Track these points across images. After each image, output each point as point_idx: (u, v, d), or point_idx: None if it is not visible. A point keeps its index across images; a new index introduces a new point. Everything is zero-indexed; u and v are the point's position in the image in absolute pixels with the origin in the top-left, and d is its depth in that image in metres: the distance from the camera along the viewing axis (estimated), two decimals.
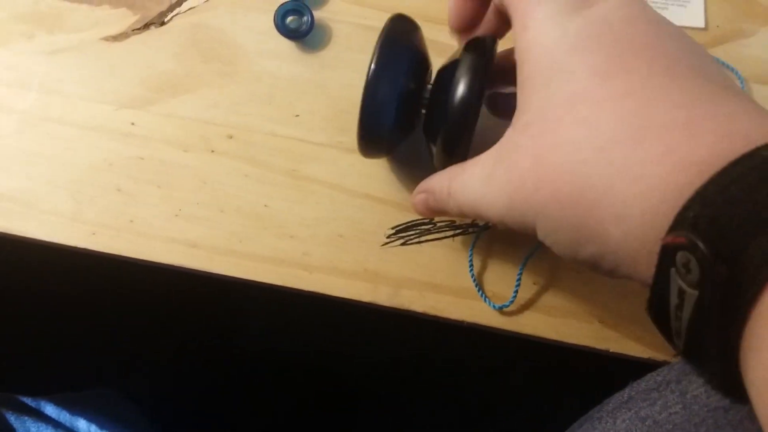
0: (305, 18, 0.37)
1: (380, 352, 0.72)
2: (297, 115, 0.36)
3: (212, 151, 0.36)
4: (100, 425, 0.48)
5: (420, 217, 0.35)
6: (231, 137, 0.36)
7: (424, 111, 0.31)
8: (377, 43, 0.28)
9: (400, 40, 0.29)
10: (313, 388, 0.72)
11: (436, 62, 0.32)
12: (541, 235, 0.24)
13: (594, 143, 0.21)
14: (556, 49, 0.23)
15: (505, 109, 0.33)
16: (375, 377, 0.72)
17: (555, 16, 0.23)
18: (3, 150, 0.36)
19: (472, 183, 0.26)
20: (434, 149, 0.30)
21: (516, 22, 0.24)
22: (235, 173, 0.35)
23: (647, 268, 0.20)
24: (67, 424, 0.47)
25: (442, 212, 0.30)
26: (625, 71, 0.21)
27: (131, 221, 0.34)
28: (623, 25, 0.22)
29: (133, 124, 0.36)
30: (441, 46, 0.37)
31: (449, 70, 0.29)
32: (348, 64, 0.37)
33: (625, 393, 0.27)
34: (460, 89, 0.27)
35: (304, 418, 0.71)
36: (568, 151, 0.22)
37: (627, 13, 0.23)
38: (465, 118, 0.27)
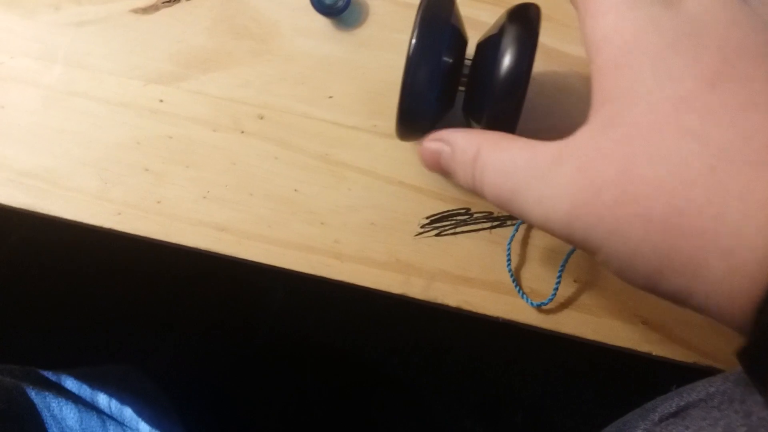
0: None
1: (399, 337, 0.71)
2: (330, 97, 0.35)
3: (242, 132, 0.34)
4: (120, 400, 0.48)
5: (455, 207, 0.33)
6: (262, 118, 0.34)
7: (463, 88, 0.29)
8: (417, 19, 0.27)
9: (439, 15, 0.27)
10: (330, 372, 0.72)
11: (472, 38, 0.30)
12: (605, 257, 0.21)
13: (706, 161, 0.18)
14: (650, 43, 0.20)
15: None
16: (393, 362, 0.72)
17: (641, 5, 0.20)
18: (28, 126, 0.35)
19: (515, 168, 0.23)
20: (477, 128, 0.28)
21: (587, 4, 0.22)
22: (265, 155, 0.34)
23: (746, 313, 0.18)
24: (88, 399, 0.47)
25: (451, 175, 0.27)
26: (741, 79, 0.19)
27: (159, 202, 0.33)
28: (728, 27, 0.20)
29: (161, 101, 0.35)
30: (474, 23, 0.35)
31: (492, 44, 0.27)
32: (385, 44, 0.35)
33: (674, 402, 0.25)
34: (508, 62, 0.25)
35: (321, 401, 0.71)
36: (670, 167, 0.19)
37: (729, 14, 0.20)
38: (514, 92, 0.26)
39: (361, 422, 0.71)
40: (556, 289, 0.31)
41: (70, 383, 0.46)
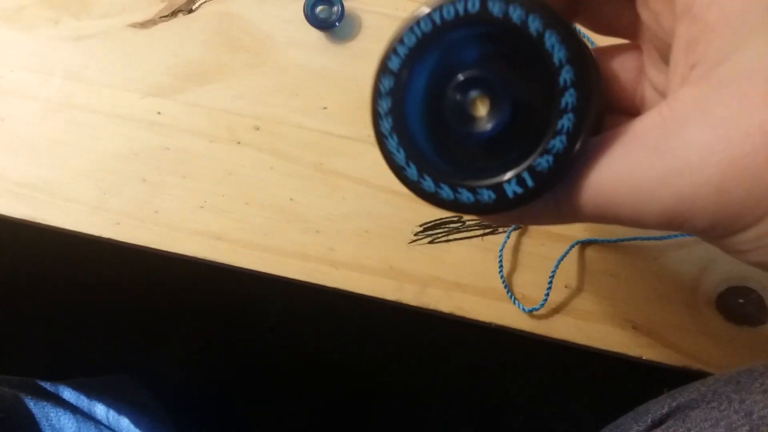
0: (335, 8, 0.36)
1: (396, 344, 0.72)
2: (324, 108, 0.35)
3: (238, 143, 0.35)
4: (117, 410, 0.49)
5: (447, 215, 0.34)
6: (257, 129, 0.35)
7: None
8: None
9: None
10: (327, 379, 0.72)
11: None
12: (757, 230, 0.17)
13: None
14: None
15: None
16: (390, 369, 0.72)
17: None
18: (27, 137, 0.35)
19: (617, 166, 0.17)
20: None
21: None
22: (260, 165, 0.35)
23: None
24: (85, 410, 0.47)
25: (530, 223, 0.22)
26: None
27: (156, 212, 0.34)
28: None
29: (159, 113, 0.35)
30: None
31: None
32: (378, 56, 0.36)
33: (665, 404, 0.26)
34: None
35: (318, 409, 0.71)
36: None
37: None
38: (579, 148, 0.18)
39: (358, 429, 0.71)
40: (548, 294, 0.32)
41: (68, 393, 0.46)
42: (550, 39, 0.18)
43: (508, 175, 0.18)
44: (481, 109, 0.19)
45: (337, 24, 0.36)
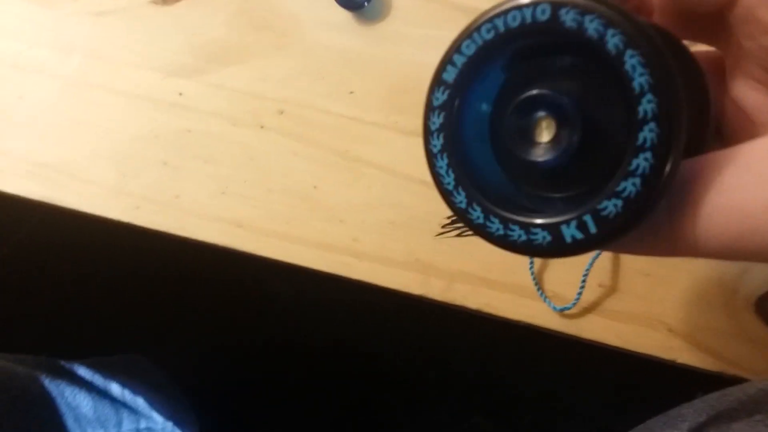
0: None
1: (410, 334, 0.71)
2: (351, 92, 0.34)
3: (261, 127, 0.34)
4: (133, 389, 0.49)
5: None
6: (281, 113, 0.34)
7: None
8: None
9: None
10: (339, 367, 0.72)
11: None
12: None
13: None
14: None
15: None
16: (403, 358, 0.71)
17: None
18: (45, 116, 0.34)
19: (753, 189, 0.14)
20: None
21: None
22: (284, 151, 0.33)
23: None
24: (101, 387, 0.47)
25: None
26: None
27: (177, 196, 0.33)
28: None
29: (180, 94, 0.34)
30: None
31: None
32: (408, 39, 0.35)
33: (704, 411, 0.25)
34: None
35: (330, 396, 0.71)
36: None
37: None
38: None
39: (371, 417, 0.71)
40: (580, 293, 0.31)
41: (83, 371, 0.46)
42: (631, 59, 0.15)
43: (567, 217, 0.15)
44: (546, 134, 0.16)
45: (366, 4, 0.34)
